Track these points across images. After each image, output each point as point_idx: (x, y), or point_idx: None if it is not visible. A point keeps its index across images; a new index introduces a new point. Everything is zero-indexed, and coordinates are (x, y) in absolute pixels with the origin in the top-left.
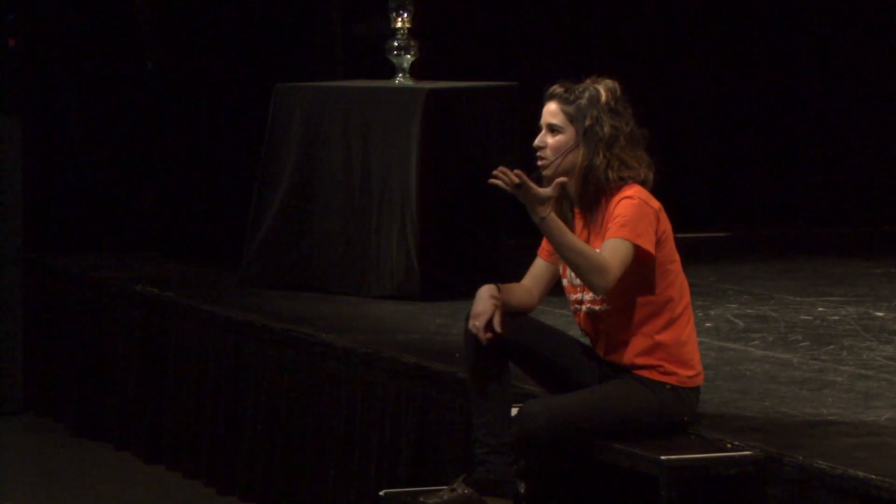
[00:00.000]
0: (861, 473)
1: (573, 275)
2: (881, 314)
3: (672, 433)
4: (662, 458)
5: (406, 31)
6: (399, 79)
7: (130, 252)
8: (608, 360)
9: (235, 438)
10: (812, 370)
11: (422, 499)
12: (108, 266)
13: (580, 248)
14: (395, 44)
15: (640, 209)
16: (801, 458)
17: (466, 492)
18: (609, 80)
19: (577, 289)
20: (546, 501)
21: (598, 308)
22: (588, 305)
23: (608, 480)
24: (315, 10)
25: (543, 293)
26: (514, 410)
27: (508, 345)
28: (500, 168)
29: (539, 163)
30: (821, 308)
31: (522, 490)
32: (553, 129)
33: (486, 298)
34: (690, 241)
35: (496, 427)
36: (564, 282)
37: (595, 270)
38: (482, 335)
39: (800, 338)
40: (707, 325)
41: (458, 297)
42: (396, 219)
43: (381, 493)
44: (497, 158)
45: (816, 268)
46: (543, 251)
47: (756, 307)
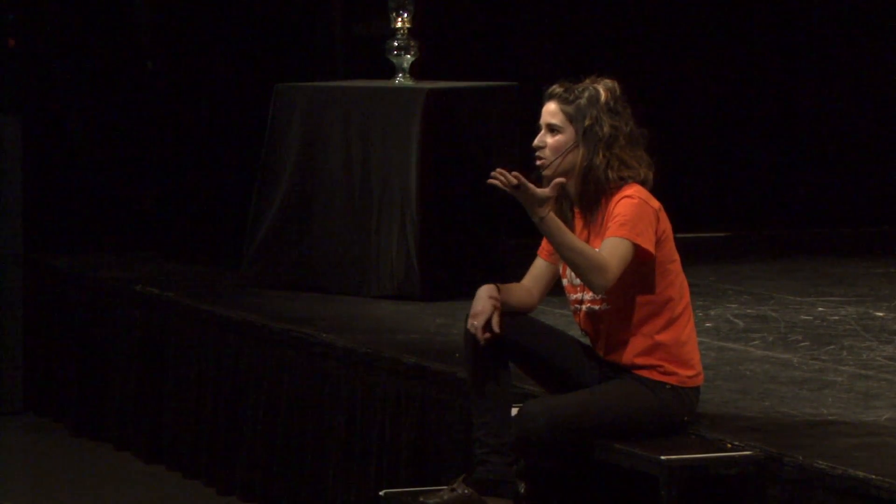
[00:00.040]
0: (861, 473)
1: (573, 275)
2: (881, 314)
3: (672, 433)
4: (662, 458)
5: (406, 31)
6: (399, 79)
7: (130, 252)
8: (608, 360)
9: (235, 438)
10: (812, 370)
11: (422, 499)
12: (108, 266)
13: (579, 248)
14: (395, 44)
15: (640, 208)
16: (801, 458)
17: (466, 492)
18: (608, 80)
19: (577, 289)
20: (546, 501)
21: (598, 308)
22: (588, 305)
23: (608, 480)
24: (315, 10)
25: (543, 293)
26: (514, 410)
27: (508, 345)
28: (498, 169)
29: (538, 163)
30: (821, 308)
31: (522, 490)
32: (552, 129)
33: (486, 298)
34: (690, 241)
35: (496, 427)
36: (564, 282)
37: (594, 269)
38: (480, 335)
39: (800, 338)
40: (707, 325)
41: (458, 297)
42: (396, 219)
43: (381, 493)
44: (497, 158)
45: (816, 268)
46: (543, 251)
47: (756, 307)
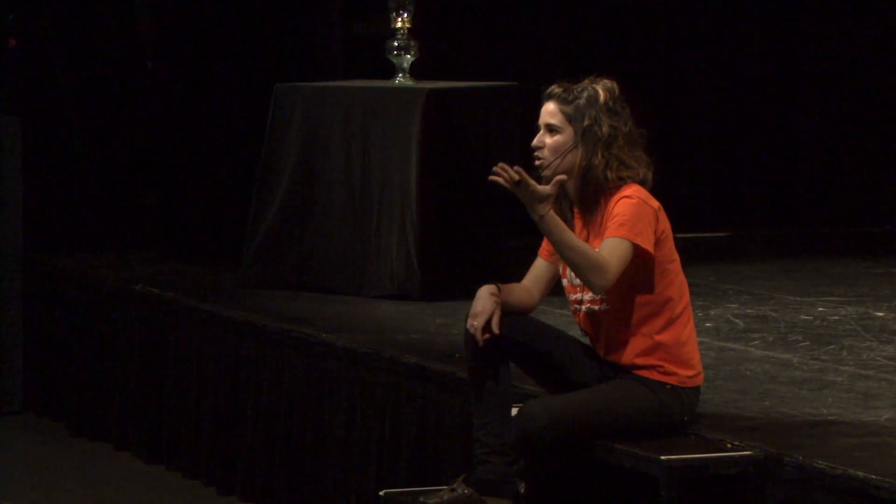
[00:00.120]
0: (861, 473)
1: (573, 275)
2: (881, 314)
3: (672, 433)
4: (662, 458)
5: (406, 31)
6: (399, 79)
7: (130, 252)
8: (608, 360)
9: (235, 438)
10: (812, 370)
11: (422, 499)
12: (108, 266)
13: (579, 247)
14: (395, 44)
15: (639, 208)
16: (801, 458)
17: (466, 492)
18: (607, 80)
19: (577, 289)
20: (546, 501)
21: (598, 308)
22: (588, 305)
23: (608, 480)
24: (315, 10)
25: (543, 293)
26: (514, 410)
27: (508, 345)
28: (501, 164)
29: (537, 163)
30: (821, 308)
31: (522, 490)
32: (551, 130)
33: (486, 298)
34: (690, 241)
35: (496, 427)
36: (564, 282)
37: (594, 269)
38: (480, 335)
39: (800, 338)
40: (707, 325)
41: (458, 297)
42: (396, 219)
43: (381, 493)
44: (497, 158)
45: (816, 268)
46: (544, 251)
47: (756, 307)
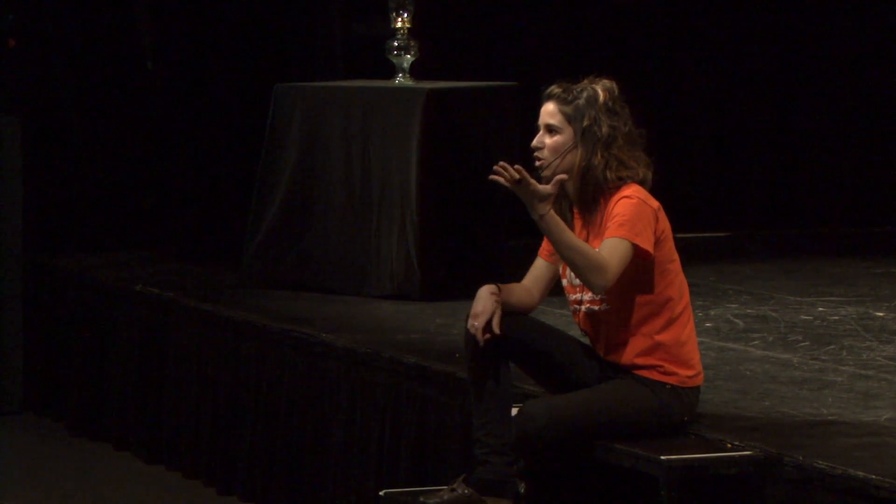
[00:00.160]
0: (861, 473)
1: (573, 275)
2: (881, 314)
3: (672, 433)
4: (662, 458)
5: (406, 31)
6: (399, 79)
7: (130, 252)
8: (608, 360)
9: (235, 438)
10: (812, 370)
11: (422, 499)
12: (108, 266)
13: (579, 247)
14: (395, 44)
15: (639, 208)
16: (801, 458)
17: (466, 492)
18: (607, 80)
19: (577, 289)
20: (546, 501)
21: (598, 308)
22: (587, 305)
23: (608, 480)
24: (315, 10)
25: (543, 293)
26: (514, 410)
27: (508, 345)
28: (501, 163)
29: (537, 164)
30: (821, 308)
31: (522, 490)
32: (551, 130)
33: (486, 298)
34: (690, 241)
35: (496, 427)
36: (564, 282)
37: (594, 269)
38: (481, 335)
39: (800, 338)
40: (707, 325)
41: (458, 297)
42: (396, 219)
43: (381, 493)
44: (497, 158)
45: (816, 268)
46: (544, 251)
47: (756, 307)
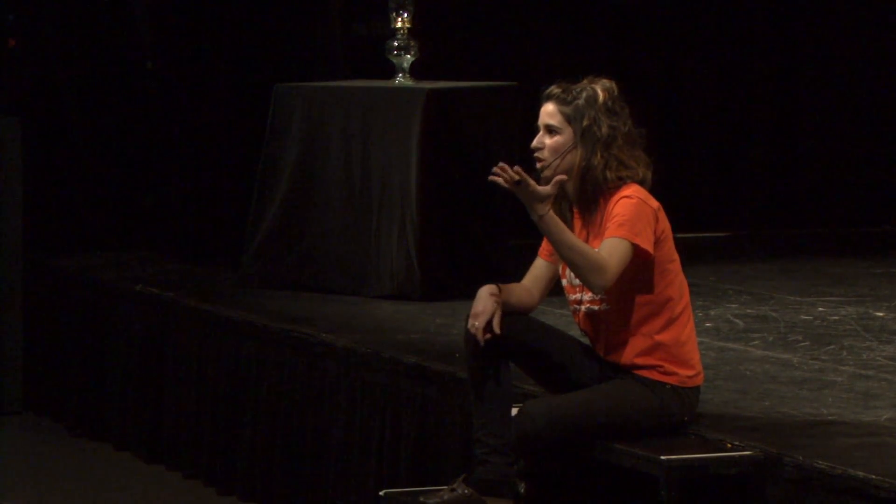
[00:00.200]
0: (861, 473)
1: (573, 275)
2: (881, 314)
3: (672, 433)
4: (662, 458)
5: (406, 31)
6: (399, 79)
7: (130, 252)
8: (608, 361)
9: (235, 438)
10: (812, 370)
11: (422, 499)
12: (108, 266)
13: (578, 247)
14: (395, 44)
15: (639, 208)
16: (801, 458)
17: (466, 492)
18: (606, 80)
19: (577, 289)
20: (546, 501)
21: (598, 308)
22: (587, 305)
23: (608, 480)
24: (315, 10)
25: (543, 293)
26: (514, 410)
27: (508, 345)
28: (501, 165)
29: (538, 164)
30: (821, 308)
31: (522, 490)
32: (551, 130)
33: (487, 298)
34: (690, 241)
35: (496, 427)
36: (564, 282)
37: (593, 269)
38: (481, 335)
39: (800, 338)
40: (707, 325)
41: (458, 297)
42: (396, 219)
43: (381, 493)
44: (497, 158)
45: (816, 268)
46: (544, 251)
47: (756, 307)
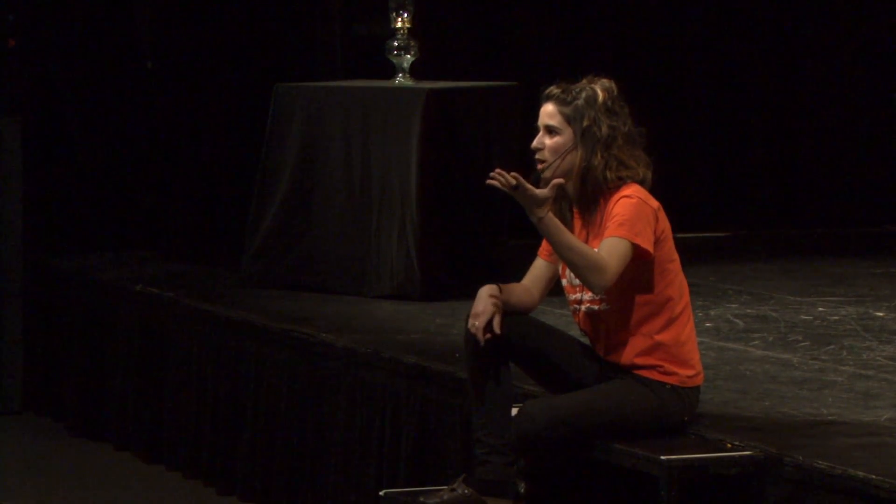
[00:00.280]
0: (861, 473)
1: (573, 275)
2: (881, 314)
3: (672, 433)
4: (662, 458)
5: (406, 31)
6: (399, 79)
7: (130, 252)
8: (608, 360)
9: (235, 438)
10: (812, 370)
11: (422, 499)
12: (108, 266)
13: (578, 248)
14: (395, 44)
15: (639, 208)
16: (801, 458)
17: (466, 492)
18: (605, 80)
19: (577, 289)
20: (546, 501)
21: (598, 308)
22: (587, 305)
23: (608, 480)
24: (315, 10)
25: (543, 293)
26: (514, 410)
27: (508, 344)
28: (497, 170)
29: (538, 165)
30: (821, 308)
31: (522, 490)
32: (551, 131)
33: (487, 298)
34: (690, 241)
35: (496, 427)
36: (564, 282)
37: (593, 269)
38: (481, 335)
39: (800, 338)
40: (707, 325)
41: (458, 297)
42: (396, 219)
43: (381, 493)
44: (497, 158)
45: (816, 268)
46: (543, 251)
47: (756, 307)
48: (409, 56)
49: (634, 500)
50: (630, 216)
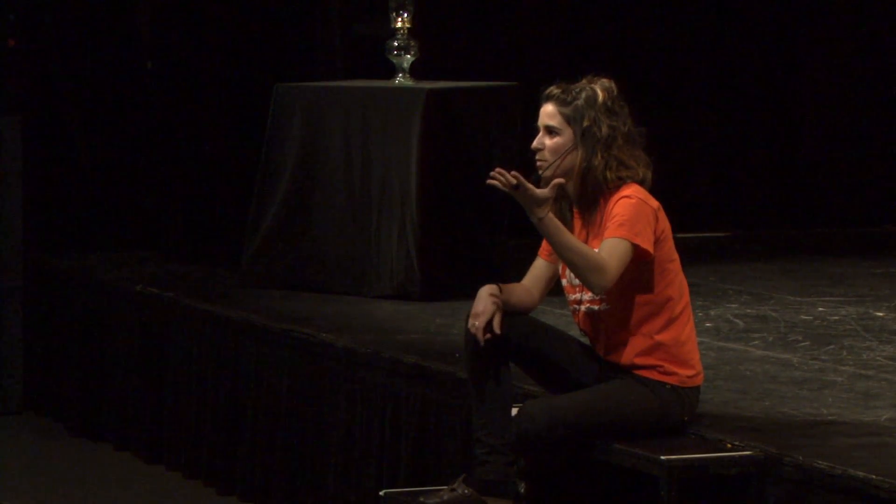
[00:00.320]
0: (861, 473)
1: (572, 275)
2: (881, 314)
3: (672, 433)
4: (662, 458)
5: (406, 31)
6: (399, 79)
7: (130, 252)
8: (608, 360)
9: (235, 438)
10: (812, 370)
11: (422, 499)
12: (108, 266)
13: (578, 248)
14: (395, 44)
15: (639, 208)
16: (801, 458)
17: (466, 492)
18: (605, 80)
19: (577, 289)
20: (546, 501)
21: (598, 308)
22: (587, 305)
23: (608, 480)
24: (315, 10)
25: (543, 293)
26: (514, 410)
27: (508, 344)
28: (497, 169)
29: (538, 165)
30: (821, 308)
31: (522, 490)
32: (551, 131)
33: (487, 298)
34: (690, 241)
35: (496, 427)
36: (564, 282)
37: (593, 270)
38: (481, 335)
39: (800, 338)
40: (707, 325)
41: (458, 297)
42: (396, 219)
43: (381, 493)
44: (497, 158)
45: (816, 268)
46: (543, 251)
47: (756, 307)
48: (409, 56)
49: (634, 500)
50: (630, 216)
